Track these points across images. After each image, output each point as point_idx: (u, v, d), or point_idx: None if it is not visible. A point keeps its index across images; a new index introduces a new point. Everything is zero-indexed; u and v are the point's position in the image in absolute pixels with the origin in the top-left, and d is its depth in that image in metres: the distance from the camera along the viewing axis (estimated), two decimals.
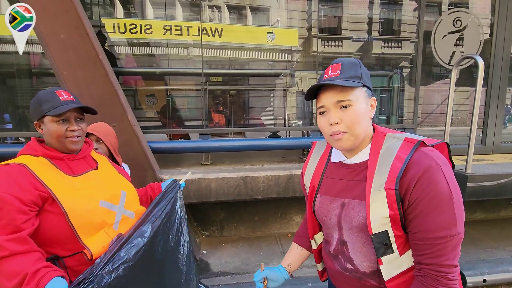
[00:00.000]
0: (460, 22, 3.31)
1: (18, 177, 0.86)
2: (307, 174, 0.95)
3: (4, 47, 3.91)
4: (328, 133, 0.77)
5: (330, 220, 0.84)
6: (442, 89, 5.87)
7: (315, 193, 0.90)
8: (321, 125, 0.79)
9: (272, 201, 2.89)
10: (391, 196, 0.70)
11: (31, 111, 0.98)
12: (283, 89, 5.67)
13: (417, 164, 0.70)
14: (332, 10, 7.49)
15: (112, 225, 0.99)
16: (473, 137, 2.18)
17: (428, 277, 0.70)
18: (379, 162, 0.75)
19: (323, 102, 0.77)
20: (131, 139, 2.32)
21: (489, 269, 2.36)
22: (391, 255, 0.74)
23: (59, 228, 0.88)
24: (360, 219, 0.76)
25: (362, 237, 0.77)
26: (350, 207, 0.79)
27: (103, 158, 1.17)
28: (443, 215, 0.67)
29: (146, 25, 4.57)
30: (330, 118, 0.76)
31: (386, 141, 0.78)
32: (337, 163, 0.87)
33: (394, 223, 0.72)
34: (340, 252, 0.84)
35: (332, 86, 0.75)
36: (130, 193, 1.11)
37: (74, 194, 0.92)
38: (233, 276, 2.34)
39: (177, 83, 5.20)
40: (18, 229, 0.82)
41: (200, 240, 2.86)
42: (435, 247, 0.68)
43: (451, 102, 2.37)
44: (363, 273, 0.79)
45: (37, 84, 4.24)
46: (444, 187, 0.67)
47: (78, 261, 0.92)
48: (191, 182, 2.47)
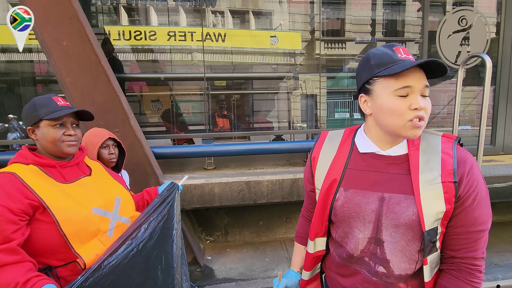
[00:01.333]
0: (465, 21, 3.26)
1: (7, 186, 0.85)
2: (321, 166, 0.83)
3: (12, 56, 3.98)
4: (408, 117, 0.68)
5: (364, 217, 0.74)
6: (448, 89, 5.78)
7: (337, 187, 0.79)
8: (398, 107, 0.68)
9: (276, 205, 2.85)
10: (450, 189, 0.68)
11: (24, 117, 0.98)
12: (287, 92, 5.65)
13: (464, 160, 0.70)
14: (335, 12, 7.48)
15: (106, 232, 0.97)
16: (483, 137, 2.12)
17: (462, 270, 0.70)
18: (422, 156, 0.72)
19: (411, 82, 0.67)
20: (134, 144, 2.32)
21: (502, 274, 2.27)
22: (435, 254, 0.72)
23: (50, 237, 0.86)
24: (409, 215, 0.69)
25: (409, 235, 0.70)
26: (394, 202, 0.71)
27: (97, 165, 1.16)
28: (483, 209, 0.69)
29: (150, 32, 4.63)
30: (417, 101, 0.67)
31: (424, 137, 0.76)
32: (368, 154, 0.78)
33: (445, 218, 0.69)
34: (370, 254, 0.75)
35: (420, 69, 0.68)
36: (125, 199, 1.10)
37: (65, 201, 0.91)
38: (238, 283, 2.30)
39: (181, 88, 5.23)
40: (7, 239, 0.80)
41: (204, 246, 2.83)
42: (474, 241, 0.69)
43: (459, 102, 2.32)
44: (397, 277, 0.72)
45: (44, 91, 4.30)
46: (483, 183, 0.71)
47: (71, 271, 0.90)
48: (195, 187, 2.45)
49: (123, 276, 0.90)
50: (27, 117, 0.97)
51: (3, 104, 4.02)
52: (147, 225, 1.02)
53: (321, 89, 5.07)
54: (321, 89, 5.15)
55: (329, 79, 6.51)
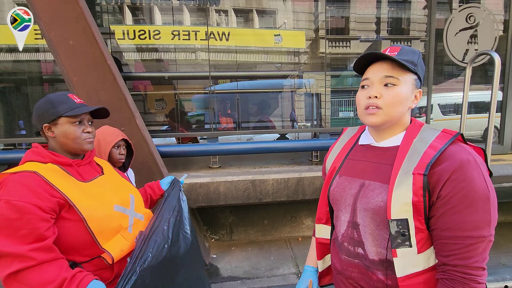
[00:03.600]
0: (473, 18, 3.22)
1: (33, 185, 0.83)
2: (331, 156, 0.93)
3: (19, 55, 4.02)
4: (364, 105, 0.76)
5: (345, 200, 0.81)
6: (455, 87, 5.72)
7: (335, 174, 0.87)
8: (359, 98, 0.79)
9: (281, 204, 2.85)
10: (418, 182, 0.66)
11: (40, 114, 0.94)
12: (291, 90, 5.63)
13: (453, 156, 0.66)
14: (339, 10, 7.43)
15: (127, 229, 0.99)
16: (491, 136, 2.09)
17: (455, 280, 0.65)
18: (411, 149, 0.72)
19: (369, 75, 0.76)
20: (140, 143, 2.33)
21: (510, 274, 2.25)
22: (408, 249, 0.68)
23: (78, 235, 0.87)
24: (378, 201, 0.72)
25: (376, 220, 0.73)
26: (370, 188, 0.76)
27: (106, 163, 1.16)
28: (478, 214, 0.63)
29: (154, 31, 4.63)
30: (370, 90, 0.75)
31: (422, 131, 0.75)
32: (365, 145, 0.84)
33: (417, 212, 0.67)
34: (350, 237, 0.80)
35: (383, 62, 0.74)
36: (137, 197, 1.12)
37: (88, 200, 0.91)
38: (244, 281, 2.30)
39: (185, 87, 5.24)
40: (42, 237, 0.79)
41: (209, 244, 2.84)
42: (465, 247, 0.64)
43: (466, 101, 2.29)
44: (372, 261, 0.74)
45: (50, 91, 4.34)
46: (482, 184, 0.63)
47: (96, 266, 0.91)
48: (200, 185, 2.46)
49: (164, 271, 0.96)
50: (43, 114, 0.94)
51: (11, 103, 4.06)
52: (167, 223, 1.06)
53: (326, 88, 5.05)
54: (326, 88, 5.12)
55: (334, 77, 6.48)
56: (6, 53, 3.86)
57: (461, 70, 4.13)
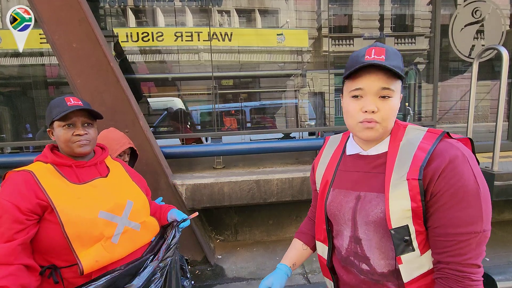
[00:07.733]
0: (479, 13, 3.16)
1: (20, 185, 0.86)
2: (319, 169, 0.89)
3: (24, 60, 4.06)
4: (358, 119, 0.71)
5: (344, 215, 0.78)
6: (460, 84, 5.64)
7: (328, 188, 0.83)
8: (350, 109, 0.72)
9: (286, 204, 2.83)
10: (414, 187, 0.65)
11: (46, 119, 1.00)
12: (295, 90, 5.61)
13: (442, 154, 0.65)
14: (342, 8, 7.38)
15: (110, 238, 0.94)
16: (499, 133, 2.05)
17: (449, 278, 0.64)
18: (399, 153, 0.70)
19: (363, 84, 0.69)
20: (143, 144, 2.33)
21: None
22: (411, 254, 0.67)
23: (55, 238, 0.87)
24: (378, 213, 0.70)
25: (380, 232, 0.71)
26: (367, 200, 0.73)
27: (118, 165, 1.13)
28: (469, 209, 0.62)
29: (157, 33, 4.65)
30: (367, 104, 0.69)
31: (408, 133, 0.73)
32: (353, 155, 0.81)
33: (416, 217, 0.66)
34: (353, 253, 0.77)
35: (377, 70, 0.67)
36: (139, 203, 1.06)
37: (73, 203, 0.90)
38: (249, 282, 2.29)
39: (188, 88, 5.26)
40: (11, 239, 0.82)
41: (214, 245, 2.84)
42: (457, 244, 0.63)
43: (473, 97, 2.25)
44: (381, 274, 0.72)
45: (56, 94, 4.38)
46: (471, 179, 0.62)
47: (75, 273, 0.89)
48: (204, 186, 2.45)
49: None
50: (46, 119, 1.00)
51: (17, 107, 4.11)
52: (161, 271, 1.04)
53: (329, 86, 5.01)
54: (330, 86, 5.09)
55: (337, 76, 6.43)
56: (12, 58, 3.91)
57: (467, 66, 4.06)
